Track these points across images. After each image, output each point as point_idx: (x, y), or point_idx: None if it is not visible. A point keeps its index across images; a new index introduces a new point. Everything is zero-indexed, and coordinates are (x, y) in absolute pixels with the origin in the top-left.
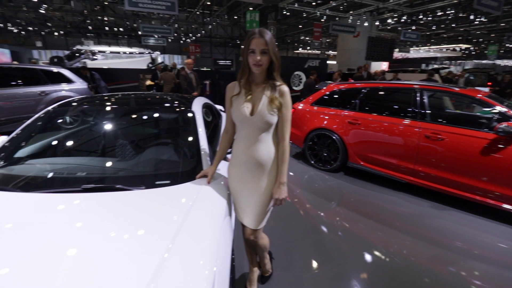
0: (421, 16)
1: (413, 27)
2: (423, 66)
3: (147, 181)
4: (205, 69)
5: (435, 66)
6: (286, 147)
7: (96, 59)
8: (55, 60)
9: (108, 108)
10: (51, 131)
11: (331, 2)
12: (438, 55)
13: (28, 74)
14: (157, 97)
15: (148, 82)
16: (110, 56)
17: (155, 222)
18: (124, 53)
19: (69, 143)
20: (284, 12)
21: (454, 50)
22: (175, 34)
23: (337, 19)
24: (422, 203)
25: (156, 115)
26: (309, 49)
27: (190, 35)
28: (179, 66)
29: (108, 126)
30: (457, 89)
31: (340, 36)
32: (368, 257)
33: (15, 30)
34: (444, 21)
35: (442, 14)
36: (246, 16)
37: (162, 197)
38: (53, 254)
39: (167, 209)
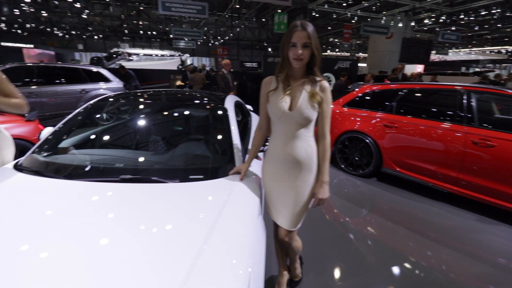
0: (462, 16)
1: (453, 28)
2: (463, 69)
3: (181, 174)
4: (231, 70)
5: (477, 69)
6: (327, 144)
7: (131, 60)
8: (95, 60)
9: (144, 104)
10: (91, 124)
11: (363, 2)
12: (481, 57)
13: (71, 73)
14: (191, 94)
15: (178, 83)
16: (143, 58)
17: (189, 217)
18: (156, 55)
19: (107, 136)
20: (313, 14)
21: (499, 52)
22: (204, 37)
23: (369, 20)
24: (466, 215)
25: (190, 111)
26: (338, 51)
27: (219, 37)
28: (207, 68)
29: (144, 121)
30: (510, 91)
31: (371, 37)
32: (402, 271)
33: (60, 34)
34: (489, 21)
35: (487, 14)
36: (274, 18)
37: (196, 191)
38: (90, 241)
39: (201, 204)
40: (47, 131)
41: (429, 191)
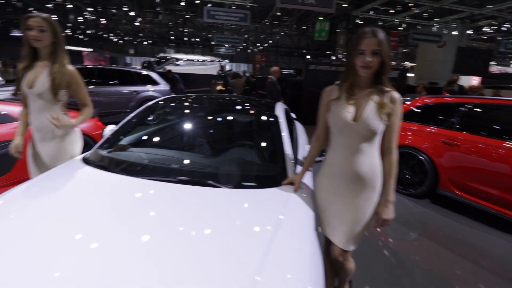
0: None
1: None
2: None
3: (234, 180)
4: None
5: None
6: (394, 160)
7: (179, 64)
8: (145, 64)
9: (199, 108)
10: (149, 124)
11: (413, 9)
12: None
13: (124, 76)
14: (242, 100)
15: (219, 87)
16: (185, 64)
17: (247, 228)
18: (198, 60)
19: (164, 137)
20: (357, 21)
21: None
22: (244, 44)
23: (419, 27)
24: None
25: (242, 117)
26: None
27: (258, 44)
28: (247, 74)
29: (197, 124)
30: None
31: (420, 45)
32: None
33: (115, 40)
34: None
35: None
36: (315, 25)
37: (250, 200)
38: (147, 238)
39: (257, 215)
40: (109, 129)
41: (494, 219)
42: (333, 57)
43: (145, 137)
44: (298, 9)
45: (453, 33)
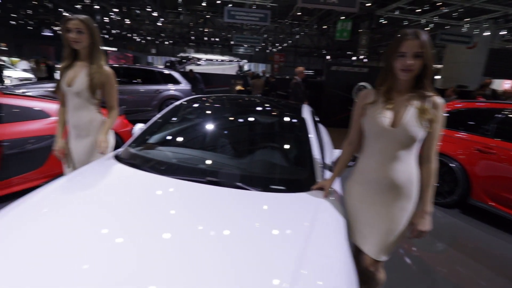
0: None
1: None
2: None
3: (263, 183)
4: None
5: None
6: (432, 169)
7: (200, 64)
8: (168, 64)
9: (227, 108)
10: (177, 123)
11: (441, 8)
12: None
13: (148, 75)
14: (269, 101)
15: (238, 87)
16: (204, 63)
17: (279, 233)
18: (216, 60)
19: (192, 136)
20: (381, 21)
21: None
22: (263, 44)
23: (447, 27)
24: None
25: (269, 119)
26: None
27: (277, 44)
28: (266, 74)
29: (226, 125)
30: None
31: (448, 47)
32: None
33: (138, 39)
34: None
35: None
36: (336, 25)
37: (280, 204)
38: (177, 238)
39: (289, 219)
40: (139, 128)
41: None
42: (354, 58)
43: (173, 137)
44: (319, 8)
45: (484, 34)
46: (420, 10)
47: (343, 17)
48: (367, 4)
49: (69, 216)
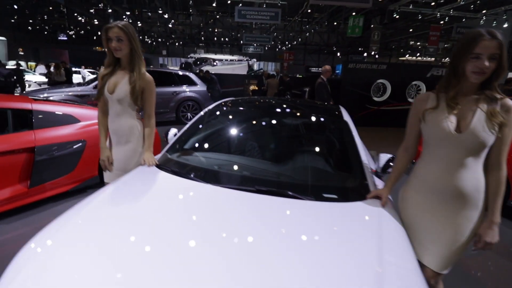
0: None
1: None
2: None
3: (315, 192)
4: (298, 75)
5: None
6: (502, 177)
7: (216, 65)
8: (183, 65)
9: (265, 111)
10: (214, 128)
11: (459, 1)
12: None
13: (165, 77)
14: (304, 103)
15: (252, 87)
16: (220, 64)
17: (349, 246)
18: (226, 60)
19: (232, 141)
20: (394, 15)
21: None
22: (272, 42)
23: (464, 20)
24: None
25: (312, 122)
26: (419, 56)
27: (286, 43)
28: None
29: (266, 129)
30: None
31: None
32: None
33: (149, 41)
34: None
35: None
36: (348, 21)
37: (340, 214)
38: (255, 249)
39: (354, 231)
40: (173, 132)
41: None
42: (365, 54)
43: (213, 142)
44: (330, 5)
45: (504, 26)
46: (433, 3)
47: (354, 13)
48: None
49: (117, 228)
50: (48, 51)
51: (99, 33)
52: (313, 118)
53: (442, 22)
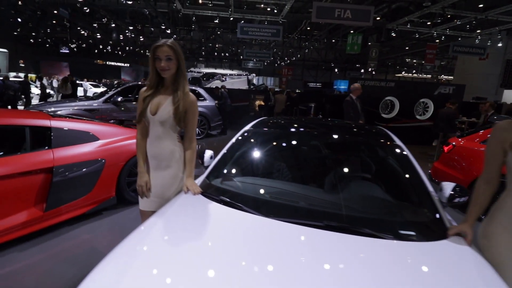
0: None
1: None
2: None
3: (391, 228)
4: (297, 91)
5: None
6: None
7: (225, 80)
8: (190, 80)
9: (313, 134)
10: (258, 150)
11: (455, 21)
12: None
13: None
14: (347, 124)
15: (259, 102)
16: (229, 79)
17: None
18: (231, 75)
19: (282, 166)
20: (391, 34)
21: None
22: (271, 58)
23: (459, 39)
24: None
25: (368, 147)
26: (415, 73)
27: (285, 58)
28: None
29: (315, 153)
30: None
31: (460, 58)
32: None
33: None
34: None
35: None
36: (347, 38)
37: (426, 257)
38: None
39: (448, 279)
40: (208, 155)
41: None
42: (362, 70)
43: (258, 167)
44: (330, 23)
45: (498, 45)
46: (429, 22)
47: (352, 31)
48: (377, 18)
49: (176, 263)
50: (50, 63)
51: (100, 46)
52: (368, 142)
53: (437, 40)
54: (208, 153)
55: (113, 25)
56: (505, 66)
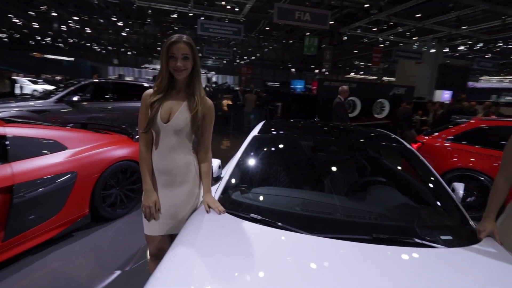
0: (500, 44)
1: (488, 55)
2: (494, 97)
3: (435, 235)
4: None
5: (508, 97)
6: None
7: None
8: (154, 78)
9: (327, 139)
10: (275, 158)
11: (398, 28)
12: None
13: (135, 90)
14: (356, 128)
15: (227, 102)
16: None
17: None
18: None
19: (302, 175)
20: (344, 38)
21: None
22: (231, 56)
23: (400, 44)
24: None
25: (385, 152)
26: (362, 74)
27: (245, 57)
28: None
29: (337, 159)
30: None
31: (400, 62)
32: None
33: (98, 49)
34: None
35: None
36: (304, 40)
37: (477, 262)
38: None
39: (502, 282)
40: (216, 165)
41: None
42: (316, 71)
43: (280, 176)
44: (288, 24)
45: (431, 51)
46: (376, 29)
47: (308, 33)
48: (330, 22)
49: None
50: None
51: (37, 37)
52: (386, 146)
53: (382, 45)
54: (216, 162)
55: (54, 14)
56: (437, 70)
